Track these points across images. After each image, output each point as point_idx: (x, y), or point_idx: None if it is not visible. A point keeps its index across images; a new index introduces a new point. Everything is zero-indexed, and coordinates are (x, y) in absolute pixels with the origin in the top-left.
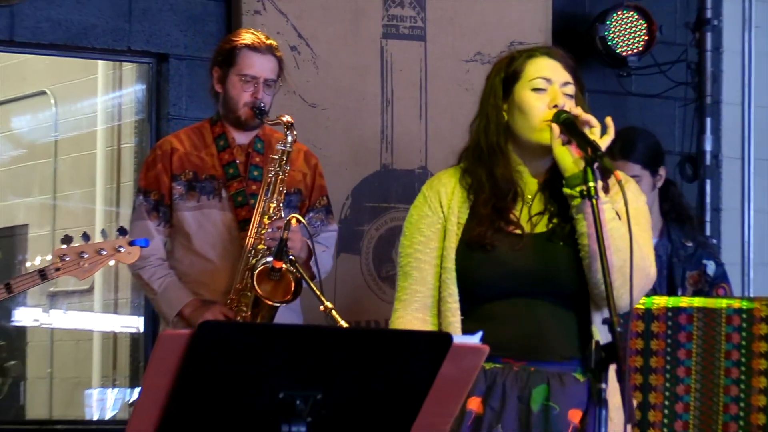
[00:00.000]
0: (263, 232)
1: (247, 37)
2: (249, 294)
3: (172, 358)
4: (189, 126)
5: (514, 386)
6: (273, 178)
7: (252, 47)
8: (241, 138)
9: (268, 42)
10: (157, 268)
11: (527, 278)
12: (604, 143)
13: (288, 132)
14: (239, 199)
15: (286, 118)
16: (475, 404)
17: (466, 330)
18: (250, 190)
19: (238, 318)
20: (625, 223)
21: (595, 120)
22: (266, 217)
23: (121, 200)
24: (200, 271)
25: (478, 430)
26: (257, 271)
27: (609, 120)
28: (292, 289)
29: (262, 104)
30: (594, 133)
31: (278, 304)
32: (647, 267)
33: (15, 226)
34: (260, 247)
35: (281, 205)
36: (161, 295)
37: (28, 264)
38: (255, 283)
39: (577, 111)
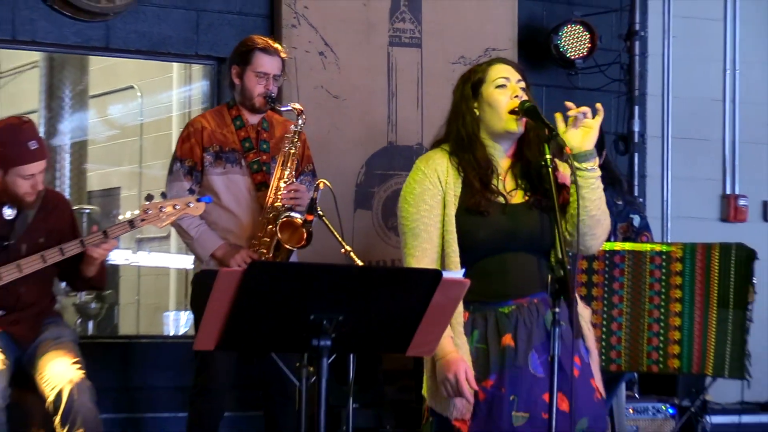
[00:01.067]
0: (279, 193)
1: (260, 41)
2: (268, 240)
3: (229, 289)
4: (211, 109)
5: (530, 318)
6: (287, 152)
7: (264, 50)
8: (252, 119)
9: (275, 46)
10: (192, 219)
11: (517, 238)
12: (596, 123)
13: (299, 116)
14: (255, 167)
15: (297, 106)
16: (508, 340)
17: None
18: (262, 159)
19: (263, 259)
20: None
21: (587, 108)
22: (282, 181)
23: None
24: (227, 221)
25: (515, 358)
26: (280, 222)
27: (599, 105)
28: (305, 237)
29: (273, 94)
30: (588, 116)
31: (294, 249)
32: (608, 222)
33: (110, 188)
34: (277, 204)
35: (293, 172)
36: (197, 240)
37: (120, 216)
38: (279, 232)
39: (578, 109)
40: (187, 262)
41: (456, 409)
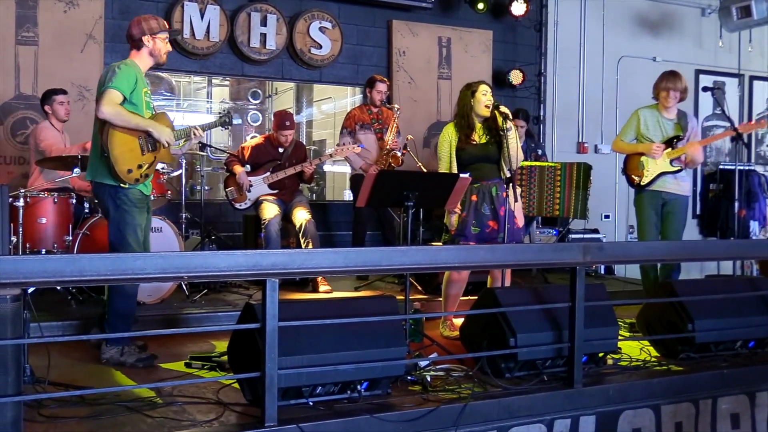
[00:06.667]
0: (388, 144)
1: (378, 77)
2: (385, 162)
3: (370, 182)
4: (358, 105)
5: (485, 189)
6: (391, 126)
7: (380, 80)
8: (375, 110)
9: (384, 79)
10: (353, 153)
11: (482, 157)
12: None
13: (398, 110)
14: (377, 130)
15: (396, 106)
16: (475, 198)
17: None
18: (380, 127)
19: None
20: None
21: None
22: (390, 137)
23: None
24: (367, 154)
25: (477, 205)
26: (390, 155)
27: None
28: (401, 162)
29: (384, 99)
30: (509, 114)
31: (396, 166)
32: (520, 156)
33: (321, 140)
34: (388, 147)
35: (395, 134)
36: (353, 162)
37: (326, 151)
38: (390, 159)
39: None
40: (346, 169)
41: (451, 225)
